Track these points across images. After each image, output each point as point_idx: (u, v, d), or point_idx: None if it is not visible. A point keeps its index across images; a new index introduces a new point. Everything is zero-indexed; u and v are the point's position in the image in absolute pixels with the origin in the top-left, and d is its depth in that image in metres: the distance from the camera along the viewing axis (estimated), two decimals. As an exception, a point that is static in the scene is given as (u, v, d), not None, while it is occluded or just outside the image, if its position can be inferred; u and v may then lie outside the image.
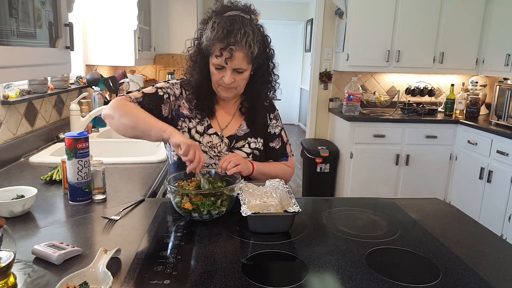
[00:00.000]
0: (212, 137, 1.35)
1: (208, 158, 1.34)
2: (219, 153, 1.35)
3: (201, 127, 1.36)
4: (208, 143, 1.35)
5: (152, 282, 0.81)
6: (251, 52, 1.22)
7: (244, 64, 1.24)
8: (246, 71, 1.27)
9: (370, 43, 3.65)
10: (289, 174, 1.45)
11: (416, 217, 1.22)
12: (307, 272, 0.87)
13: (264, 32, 1.30)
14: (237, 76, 1.26)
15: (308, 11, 7.23)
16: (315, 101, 4.18)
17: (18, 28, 1.04)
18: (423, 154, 3.60)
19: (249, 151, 1.37)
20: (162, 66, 3.60)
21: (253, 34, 1.21)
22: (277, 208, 1.18)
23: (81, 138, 1.21)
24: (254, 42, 1.21)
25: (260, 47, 1.25)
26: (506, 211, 2.95)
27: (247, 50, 1.21)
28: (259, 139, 1.40)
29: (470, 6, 3.64)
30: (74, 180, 1.23)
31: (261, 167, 1.35)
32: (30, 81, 1.97)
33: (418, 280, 0.85)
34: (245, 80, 1.30)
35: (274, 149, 1.44)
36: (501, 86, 3.29)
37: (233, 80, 1.26)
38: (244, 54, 1.21)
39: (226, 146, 1.36)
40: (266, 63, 1.34)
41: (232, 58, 1.21)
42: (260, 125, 1.42)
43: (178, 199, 1.10)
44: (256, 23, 1.27)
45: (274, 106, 1.49)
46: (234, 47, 1.19)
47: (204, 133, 1.35)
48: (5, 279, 0.78)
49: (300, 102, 8.05)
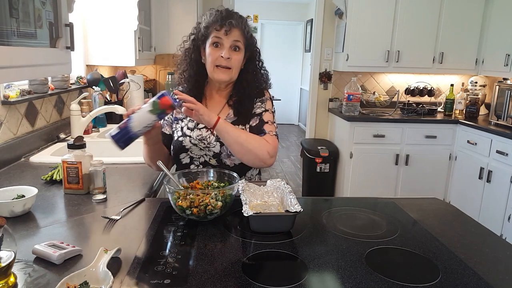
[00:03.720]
0: (202, 130, 1.41)
1: (198, 150, 1.40)
2: (208, 145, 1.40)
3: (192, 123, 1.43)
4: (198, 136, 1.40)
5: (152, 282, 0.81)
6: (247, 32, 1.37)
7: (241, 41, 1.35)
8: (241, 51, 1.37)
9: (370, 43, 3.65)
10: (264, 146, 1.33)
11: (415, 217, 1.22)
12: (307, 271, 0.88)
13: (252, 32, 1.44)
14: (233, 54, 1.35)
15: (308, 11, 7.23)
16: (315, 101, 4.19)
17: (18, 28, 1.04)
18: (422, 154, 3.60)
19: None
20: (162, 66, 3.60)
21: (245, 21, 1.38)
22: (278, 208, 1.18)
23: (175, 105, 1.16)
24: (246, 25, 1.37)
25: (250, 40, 1.39)
26: (506, 211, 2.95)
27: (243, 29, 1.35)
28: (247, 125, 1.42)
29: (470, 6, 3.64)
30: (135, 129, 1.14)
31: (229, 127, 1.30)
32: (30, 81, 1.97)
33: (418, 280, 0.86)
34: (239, 62, 1.38)
35: (251, 126, 1.40)
36: (501, 86, 3.29)
37: (230, 57, 1.34)
38: (240, 32, 1.35)
39: (214, 137, 1.40)
40: (255, 57, 1.45)
41: (231, 31, 1.33)
42: (247, 113, 1.43)
43: (174, 197, 1.10)
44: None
45: (263, 93, 1.46)
46: (233, 21, 1.33)
47: (194, 128, 1.42)
48: (5, 278, 0.78)
49: (300, 102, 8.05)
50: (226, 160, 1.39)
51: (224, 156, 1.39)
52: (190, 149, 1.41)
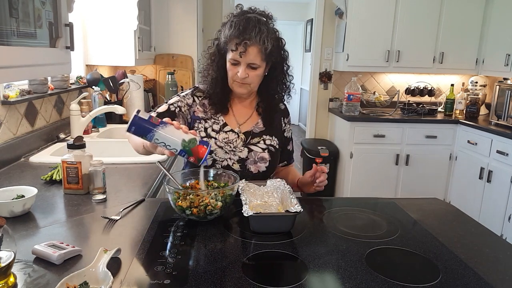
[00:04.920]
0: (228, 133, 1.40)
1: (223, 153, 1.38)
2: (234, 148, 1.39)
3: (216, 125, 1.41)
4: (224, 139, 1.39)
5: (152, 282, 0.81)
6: (265, 49, 1.27)
7: (257, 60, 1.29)
8: (260, 68, 1.31)
9: (370, 43, 3.65)
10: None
11: (416, 217, 1.22)
12: (307, 272, 0.87)
13: (279, 34, 1.35)
14: (250, 72, 1.31)
15: (308, 11, 7.23)
16: (315, 101, 4.19)
17: (18, 28, 1.04)
18: (423, 154, 3.60)
19: (264, 146, 1.42)
20: (162, 66, 3.60)
21: (267, 32, 1.27)
22: (278, 208, 1.18)
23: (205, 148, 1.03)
24: (267, 39, 1.27)
25: (274, 46, 1.31)
26: (506, 211, 2.95)
27: (261, 46, 1.26)
28: (273, 137, 1.45)
29: (470, 6, 3.64)
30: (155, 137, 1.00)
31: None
32: (30, 81, 1.97)
33: (418, 280, 0.85)
34: (259, 77, 1.34)
35: (289, 151, 1.56)
36: (501, 86, 3.29)
37: (247, 75, 1.31)
38: (258, 50, 1.27)
39: (242, 142, 1.40)
40: (281, 63, 1.39)
41: (246, 52, 1.26)
42: (275, 127, 1.48)
43: (174, 197, 1.10)
44: (271, 25, 1.33)
45: (288, 111, 1.55)
46: (248, 41, 1.25)
47: (220, 130, 1.41)
48: (5, 279, 0.78)
49: (300, 102, 8.05)
50: (251, 166, 1.38)
51: (250, 162, 1.38)
52: (215, 151, 1.36)
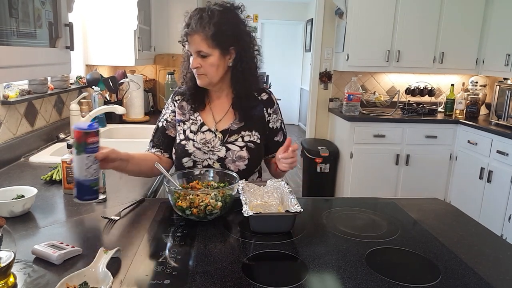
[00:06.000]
0: (206, 133, 1.39)
1: (202, 154, 1.37)
2: (212, 148, 1.37)
3: (194, 126, 1.41)
4: (202, 140, 1.38)
5: (152, 282, 0.81)
6: (206, 34, 1.25)
7: (203, 47, 1.27)
8: (211, 56, 1.29)
9: (370, 43, 3.65)
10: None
11: (416, 217, 1.22)
12: (307, 272, 0.87)
13: (234, 19, 1.31)
14: (203, 62, 1.30)
15: (308, 11, 7.23)
16: (315, 101, 4.18)
17: (18, 28, 1.04)
18: (423, 154, 3.60)
19: (242, 144, 1.37)
20: (162, 66, 3.60)
21: (209, 18, 1.25)
22: (278, 208, 1.18)
23: (92, 131, 1.08)
24: (209, 24, 1.24)
25: (222, 30, 1.26)
26: (506, 211, 2.95)
27: (202, 32, 1.25)
28: (254, 132, 1.39)
29: (470, 6, 3.64)
30: (82, 177, 1.07)
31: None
32: (30, 81, 1.97)
33: (418, 280, 0.85)
34: (213, 66, 1.30)
35: (279, 142, 1.46)
36: (501, 86, 3.28)
37: (199, 65, 1.30)
38: (200, 37, 1.26)
39: (219, 141, 1.38)
40: (245, 52, 1.34)
41: (189, 42, 1.28)
42: (256, 119, 1.41)
43: (174, 197, 1.10)
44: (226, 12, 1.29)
45: (272, 100, 1.46)
46: (188, 30, 1.27)
47: (197, 131, 1.40)
48: (5, 279, 0.78)
49: (300, 102, 8.05)
50: (230, 165, 1.36)
51: (229, 161, 1.36)
52: (193, 153, 1.37)
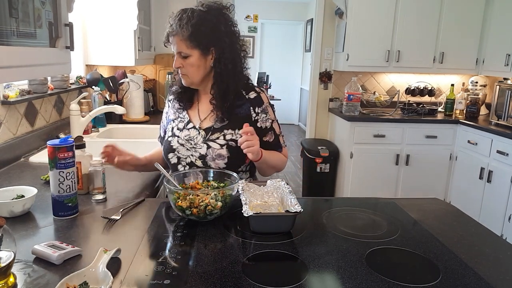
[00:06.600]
0: (190, 130, 1.42)
1: (185, 150, 1.40)
2: (195, 145, 1.39)
3: (181, 123, 1.44)
4: (185, 137, 1.41)
5: (152, 282, 0.81)
6: (183, 35, 1.28)
7: (183, 48, 1.30)
8: (191, 56, 1.31)
9: (370, 43, 3.65)
10: (284, 163, 1.51)
11: (416, 217, 1.22)
12: (307, 272, 0.87)
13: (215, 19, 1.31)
14: (184, 62, 1.33)
15: (308, 11, 7.23)
16: (315, 101, 4.18)
17: (18, 28, 1.04)
18: (423, 154, 3.60)
19: (223, 142, 1.36)
20: (162, 66, 3.60)
21: (187, 19, 1.27)
22: (278, 208, 1.18)
23: (63, 147, 1.07)
24: (187, 25, 1.26)
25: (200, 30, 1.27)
26: (506, 211, 2.95)
27: (181, 33, 1.28)
28: (237, 130, 1.37)
29: (470, 5, 3.64)
30: (56, 192, 1.12)
31: (266, 155, 1.35)
32: (30, 81, 1.97)
33: (418, 280, 0.85)
34: (194, 66, 1.33)
35: (269, 142, 1.43)
36: (501, 86, 3.28)
37: (181, 65, 1.34)
38: (179, 37, 1.29)
39: (202, 138, 1.39)
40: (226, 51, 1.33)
41: (171, 42, 1.33)
42: (241, 118, 1.38)
43: (174, 198, 1.10)
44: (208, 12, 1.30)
45: (261, 99, 1.42)
46: (169, 30, 1.31)
47: (183, 128, 1.43)
48: (5, 279, 0.78)
49: (300, 102, 8.05)
50: (211, 163, 1.35)
51: (209, 159, 1.35)
52: (177, 149, 1.40)
